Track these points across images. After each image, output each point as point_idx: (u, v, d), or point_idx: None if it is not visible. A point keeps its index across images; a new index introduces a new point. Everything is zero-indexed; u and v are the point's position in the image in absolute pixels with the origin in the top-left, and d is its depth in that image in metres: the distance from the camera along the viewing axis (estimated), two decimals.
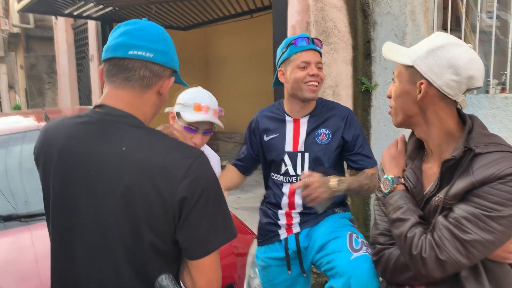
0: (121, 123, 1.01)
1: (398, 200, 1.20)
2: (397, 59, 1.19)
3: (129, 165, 0.96)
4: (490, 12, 2.78)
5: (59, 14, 6.31)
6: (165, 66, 1.05)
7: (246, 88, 8.16)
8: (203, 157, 1.02)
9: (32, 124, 3.08)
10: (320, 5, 2.93)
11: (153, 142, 1.01)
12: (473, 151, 1.08)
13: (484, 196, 1.03)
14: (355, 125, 1.87)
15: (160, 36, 1.06)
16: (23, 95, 11.95)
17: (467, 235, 1.04)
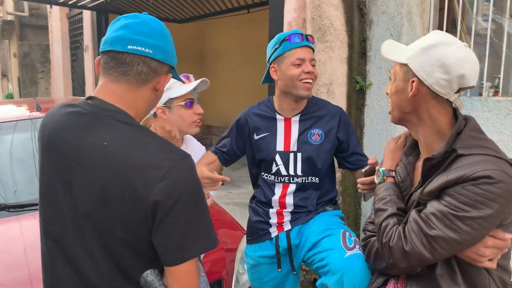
0: (110, 118, 1.00)
1: (384, 191, 1.26)
2: (394, 57, 1.22)
3: (109, 161, 0.95)
4: (486, 15, 2.79)
5: (53, 2, 6.23)
6: (164, 63, 1.05)
7: (241, 83, 8.15)
8: (186, 160, 0.99)
9: (24, 113, 3.06)
10: (317, 3, 2.92)
11: (137, 139, 0.99)
12: (455, 152, 1.09)
13: (454, 195, 1.05)
14: (348, 124, 1.87)
15: (160, 32, 1.06)
16: (16, 84, 11.82)
17: (432, 231, 1.07)
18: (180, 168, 0.96)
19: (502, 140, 2.57)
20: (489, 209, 1.02)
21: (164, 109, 1.73)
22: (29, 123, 2.87)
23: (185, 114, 1.70)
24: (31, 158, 2.64)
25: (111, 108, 1.01)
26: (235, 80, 8.45)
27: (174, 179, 0.93)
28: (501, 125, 2.57)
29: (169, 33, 1.10)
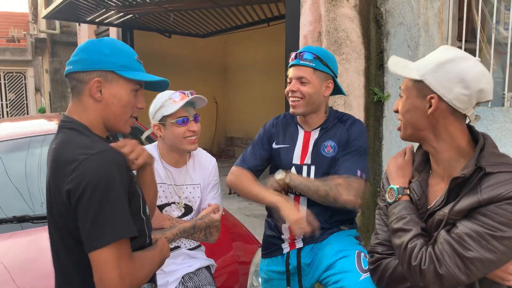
0: (63, 127, 1.17)
1: (402, 210, 1.20)
2: (405, 73, 1.18)
3: (51, 160, 1.12)
4: (507, 24, 2.74)
5: (81, 21, 6.49)
6: (88, 71, 1.15)
7: (263, 95, 8.19)
8: (102, 154, 1.07)
9: (52, 127, 3.18)
10: (332, 16, 2.94)
11: (72, 141, 1.12)
12: (483, 170, 1.07)
13: (489, 215, 1.03)
14: (357, 134, 1.79)
15: (81, 48, 1.19)
16: (47, 98, 12.29)
17: (468, 252, 1.03)
18: (92, 161, 1.05)
19: (508, 150, 2.50)
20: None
21: (159, 126, 1.77)
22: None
23: (177, 131, 1.73)
24: None
25: (67, 119, 1.18)
26: (257, 92, 8.51)
27: (84, 171, 1.04)
28: None
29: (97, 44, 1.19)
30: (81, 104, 1.18)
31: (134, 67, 1.21)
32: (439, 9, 2.85)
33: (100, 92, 1.16)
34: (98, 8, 5.59)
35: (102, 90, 1.16)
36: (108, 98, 1.17)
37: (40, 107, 13.64)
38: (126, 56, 1.20)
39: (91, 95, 1.16)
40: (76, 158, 1.06)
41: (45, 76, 12.83)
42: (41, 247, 2.10)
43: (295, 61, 1.77)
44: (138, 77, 1.19)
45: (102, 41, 1.20)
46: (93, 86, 1.15)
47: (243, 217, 4.84)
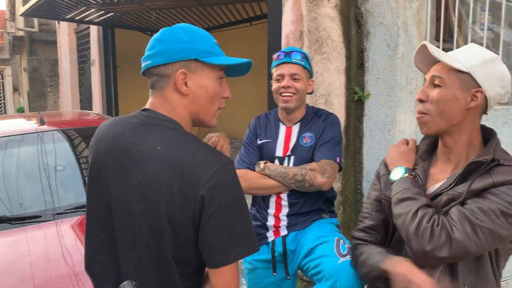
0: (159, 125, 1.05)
1: (410, 184, 1.19)
2: (450, 62, 1.14)
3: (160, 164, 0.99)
4: (483, 24, 2.81)
5: (61, 18, 6.38)
6: (169, 63, 1.04)
7: (246, 94, 8.19)
8: (230, 165, 1.02)
9: (29, 127, 3.12)
10: (313, 15, 2.97)
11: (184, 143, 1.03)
12: (496, 160, 1.12)
13: (500, 194, 1.08)
14: (331, 125, 1.90)
15: (157, 39, 1.08)
16: (26, 98, 12.04)
17: (480, 221, 1.07)
18: (226, 172, 0.99)
19: None
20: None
21: None
22: (34, 137, 2.94)
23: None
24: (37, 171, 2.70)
25: (161, 117, 1.06)
26: (240, 92, 8.48)
27: (221, 181, 0.97)
28: (498, 134, 2.55)
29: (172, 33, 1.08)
30: (166, 100, 1.07)
31: (216, 51, 1.09)
32: (417, 9, 2.91)
33: (186, 85, 1.05)
34: (78, 6, 5.50)
35: (188, 82, 1.05)
36: (195, 90, 1.06)
37: (19, 107, 13.36)
38: (207, 40, 1.09)
39: (177, 89, 1.05)
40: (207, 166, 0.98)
41: (23, 75, 12.56)
42: (21, 250, 2.07)
43: (286, 59, 1.86)
44: (224, 61, 1.08)
45: (178, 27, 1.09)
46: (179, 78, 1.04)
47: None
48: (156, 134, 1.04)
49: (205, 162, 0.98)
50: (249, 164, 1.92)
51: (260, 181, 1.85)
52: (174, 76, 1.04)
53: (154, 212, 0.99)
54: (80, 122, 3.52)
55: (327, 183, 1.79)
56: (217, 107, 1.12)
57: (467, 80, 1.14)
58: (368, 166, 3.20)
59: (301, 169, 1.79)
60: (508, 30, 2.71)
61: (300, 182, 1.78)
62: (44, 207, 2.46)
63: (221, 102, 1.13)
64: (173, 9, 6.09)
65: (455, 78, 1.15)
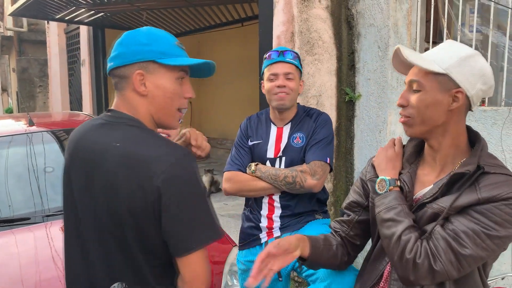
0: (119, 123, 1.10)
1: (393, 200, 1.18)
2: (426, 65, 1.12)
3: (119, 159, 1.03)
4: (472, 26, 2.84)
5: (50, 18, 6.32)
6: (127, 65, 1.09)
7: (238, 95, 8.19)
8: (186, 156, 1.05)
9: (17, 128, 3.09)
10: (305, 16, 2.97)
11: (142, 138, 1.07)
12: (482, 168, 1.08)
13: (486, 214, 1.05)
14: (322, 125, 1.89)
15: (118, 42, 1.14)
16: (15, 98, 11.90)
17: (463, 249, 1.05)
18: (183, 163, 1.02)
19: (489, 149, 2.59)
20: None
21: None
22: (23, 138, 2.90)
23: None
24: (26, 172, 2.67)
25: (123, 115, 1.12)
26: (232, 92, 8.51)
27: (176, 172, 1.00)
28: (487, 135, 2.60)
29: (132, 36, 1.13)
30: (127, 101, 1.12)
31: (175, 53, 1.13)
32: (408, 11, 2.93)
33: (144, 86, 1.10)
34: (68, 6, 5.45)
35: (146, 83, 1.10)
36: (153, 90, 1.10)
37: (7, 108, 13.20)
38: (165, 42, 1.12)
39: (135, 89, 1.10)
40: (163, 158, 1.01)
41: (12, 75, 12.42)
42: (10, 252, 2.04)
43: (280, 58, 1.86)
44: (180, 62, 1.11)
45: (139, 31, 1.14)
46: (136, 79, 1.09)
47: (218, 217, 4.81)
48: (116, 132, 1.08)
49: (160, 155, 1.02)
50: (240, 166, 1.91)
51: (251, 183, 1.85)
52: (132, 78, 1.09)
53: (116, 207, 1.03)
54: (69, 123, 3.49)
55: (318, 184, 1.78)
56: (177, 107, 1.15)
57: (445, 82, 1.11)
58: (359, 167, 3.22)
59: (292, 171, 1.79)
60: (497, 32, 2.74)
61: (290, 184, 1.78)
62: (33, 209, 2.44)
63: (182, 103, 1.16)
64: (164, 10, 6.07)
65: (433, 81, 1.12)
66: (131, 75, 1.09)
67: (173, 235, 1.02)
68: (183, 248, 1.02)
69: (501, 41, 2.73)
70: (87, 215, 1.10)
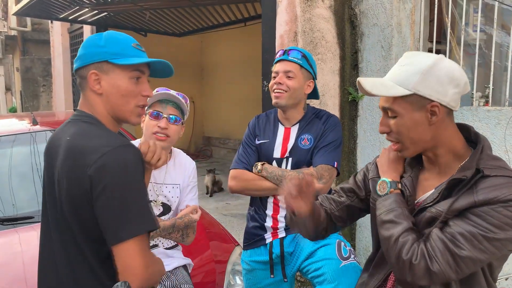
0: (77, 120, 1.19)
1: (393, 203, 1.18)
2: (390, 92, 1.12)
3: (66, 151, 1.11)
4: (476, 26, 2.83)
5: (54, 18, 6.34)
6: (85, 66, 1.17)
7: (240, 94, 8.20)
8: (123, 148, 1.09)
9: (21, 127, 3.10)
10: (308, 16, 2.97)
11: (89, 132, 1.14)
12: (481, 172, 1.08)
13: (483, 216, 1.04)
14: (331, 128, 1.88)
15: (81, 45, 1.22)
16: (19, 98, 11.95)
17: (461, 251, 1.04)
18: (117, 153, 1.06)
19: (492, 150, 2.58)
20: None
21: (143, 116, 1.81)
22: (26, 137, 2.91)
23: (149, 123, 1.77)
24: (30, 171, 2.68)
25: (81, 113, 1.20)
26: (235, 92, 8.51)
27: (108, 162, 1.04)
28: (491, 135, 2.59)
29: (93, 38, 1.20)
30: (87, 99, 1.20)
31: (130, 53, 1.18)
32: (411, 10, 2.92)
33: (99, 85, 1.16)
34: (72, 6, 5.47)
35: (101, 82, 1.16)
36: (108, 89, 1.17)
37: (11, 107, 13.25)
38: (119, 44, 1.18)
39: (91, 88, 1.17)
40: (98, 149, 1.06)
41: (16, 75, 12.46)
42: (14, 251, 2.05)
43: (284, 56, 1.86)
44: (131, 62, 1.17)
45: (100, 34, 1.21)
46: (90, 78, 1.16)
47: (221, 216, 4.83)
48: (71, 128, 1.17)
49: (97, 145, 1.08)
50: (246, 165, 1.91)
51: (256, 183, 1.85)
52: (88, 77, 1.16)
53: (63, 198, 1.10)
54: None
55: (324, 188, 1.76)
56: (134, 105, 1.20)
57: (417, 100, 1.11)
58: (362, 167, 3.21)
59: (298, 173, 1.75)
60: (501, 32, 2.73)
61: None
62: (37, 208, 2.44)
63: (139, 100, 1.21)
64: (167, 9, 6.08)
65: (404, 103, 1.12)
66: (87, 75, 1.16)
67: (104, 224, 1.05)
68: (113, 237, 1.04)
69: (505, 41, 2.71)
70: (51, 213, 1.17)
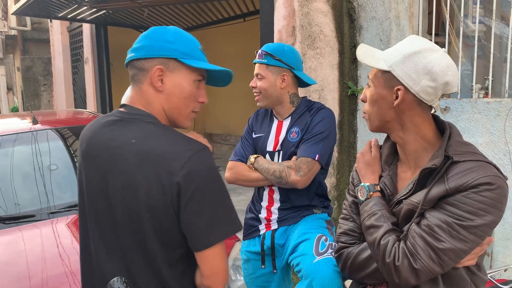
0: (134, 119, 1.10)
1: (373, 206, 1.19)
2: (373, 63, 1.16)
3: (136, 156, 1.03)
4: (475, 18, 2.82)
5: (53, 17, 6.34)
6: (149, 58, 1.09)
7: (241, 90, 8.18)
8: (204, 151, 1.06)
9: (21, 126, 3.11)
10: (306, 10, 2.96)
11: (158, 134, 1.07)
12: (450, 158, 1.08)
13: (456, 204, 1.04)
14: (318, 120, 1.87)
15: (144, 35, 1.14)
16: (20, 97, 11.98)
17: (440, 243, 1.04)
18: (201, 157, 1.03)
19: (492, 141, 2.58)
20: (491, 215, 1.03)
21: None
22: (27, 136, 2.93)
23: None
24: (31, 170, 2.70)
25: (138, 111, 1.11)
26: (236, 88, 8.46)
27: (195, 167, 1.01)
28: (491, 126, 2.58)
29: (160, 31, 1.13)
30: (142, 94, 1.12)
31: (198, 56, 1.14)
32: (410, 3, 2.91)
33: (161, 82, 1.10)
34: (70, 4, 5.47)
35: (164, 79, 1.10)
36: (170, 88, 1.11)
37: (13, 106, 13.29)
38: (190, 44, 1.14)
39: (152, 84, 1.10)
40: (181, 154, 1.02)
41: (17, 74, 12.49)
42: (17, 249, 2.07)
43: (254, 60, 1.93)
44: (202, 66, 1.13)
45: (166, 28, 1.15)
46: (155, 74, 1.09)
47: None
48: (132, 129, 1.08)
49: (178, 150, 1.03)
50: (241, 157, 1.97)
51: (246, 174, 1.91)
52: (151, 71, 1.09)
53: (135, 205, 1.03)
54: (74, 121, 3.51)
55: (301, 181, 1.77)
56: (191, 109, 1.16)
57: (390, 79, 1.13)
58: None
59: (280, 165, 1.82)
60: (500, 23, 2.72)
61: (278, 178, 1.81)
62: (38, 206, 2.46)
63: (196, 106, 1.17)
64: (166, 6, 6.06)
65: (380, 78, 1.16)
66: (151, 69, 1.09)
67: (192, 230, 1.03)
68: (202, 242, 1.03)
69: (504, 32, 2.70)
70: (102, 216, 1.10)
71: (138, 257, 1.07)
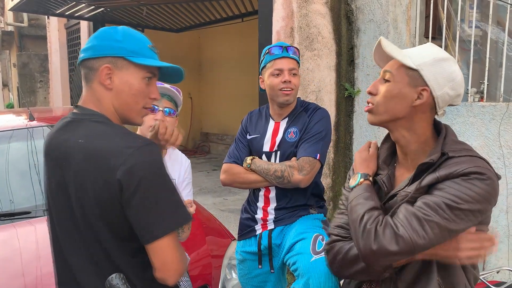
0: (84, 119, 1.14)
1: (362, 190, 1.21)
2: (400, 57, 1.15)
3: (83, 155, 1.08)
4: (472, 22, 2.84)
5: (50, 13, 6.33)
6: (98, 57, 1.13)
7: (238, 90, 8.19)
8: (148, 146, 1.08)
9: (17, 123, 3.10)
10: (304, 12, 2.98)
11: (104, 133, 1.11)
12: (446, 154, 1.11)
13: (445, 188, 1.06)
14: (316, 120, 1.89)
15: (94, 36, 1.18)
16: (16, 93, 11.92)
17: (426, 216, 1.05)
18: (141, 153, 1.05)
19: (487, 145, 2.61)
20: (478, 204, 1.05)
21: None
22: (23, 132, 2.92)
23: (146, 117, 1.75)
24: (27, 167, 2.69)
25: (88, 112, 1.15)
26: (232, 88, 8.51)
27: (136, 163, 1.03)
28: (486, 130, 2.61)
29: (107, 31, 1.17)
30: (93, 93, 1.15)
31: (146, 54, 1.17)
32: (407, 6, 2.93)
33: (110, 80, 1.13)
34: (68, 1, 5.46)
35: (112, 77, 1.13)
36: (119, 85, 1.14)
37: (8, 103, 13.22)
38: (138, 42, 1.17)
39: (101, 82, 1.13)
40: (122, 150, 1.05)
41: (13, 71, 12.43)
42: (11, 245, 2.06)
43: (284, 53, 1.86)
44: (149, 63, 1.16)
45: (116, 28, 1.18)
46: (103, 72, 1.12)
47: (218, 212, 4.85)
48: (80, 129, 1.12)
49: (120, 146, 1.06)
50: (236, 159, 1.96)
51: (243, 176, 1.90)
52: (100, 70, 1.13)
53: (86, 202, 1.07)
54: None
55: (304, 180, 1.80)
56: (142, 106, 1.19)
57: (415, 77, 1.14)
58: None
59: (281, 165, 1.82)
60: (496, 28, 2.75)
61: (279, 178, 1.81)
62: (34, 203, 2.45)
63: (147, 102, 1.20)
64: (164, 5, 6.06)
65: (404, 74, 1.15)
66: (99, 68, 1.12)
67: (139, 223, 1.05)
68: (149, 235, 1.05)
69: (500, 37, 2.73)
70: (64, 215, 1.14)
71: (99, 250, 1.11)
